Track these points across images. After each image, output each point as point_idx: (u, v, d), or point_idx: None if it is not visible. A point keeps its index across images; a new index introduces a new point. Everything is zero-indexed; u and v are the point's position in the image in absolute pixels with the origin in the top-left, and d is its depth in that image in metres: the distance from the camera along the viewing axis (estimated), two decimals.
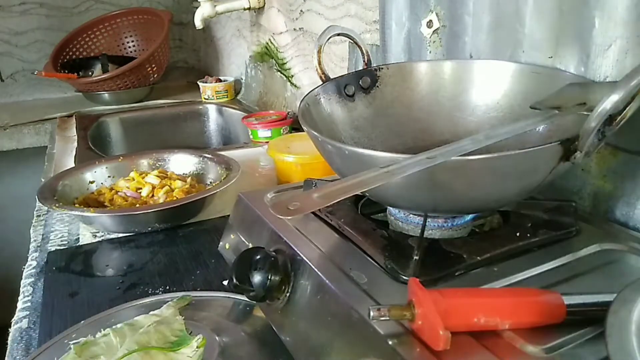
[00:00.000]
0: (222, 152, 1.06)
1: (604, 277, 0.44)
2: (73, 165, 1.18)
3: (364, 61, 0.67)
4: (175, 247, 0.78)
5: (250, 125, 1.33)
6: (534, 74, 0.61)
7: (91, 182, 0.94)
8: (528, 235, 0.49)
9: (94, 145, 1.39)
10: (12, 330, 0.59)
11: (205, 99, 1.83)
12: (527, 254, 0.47)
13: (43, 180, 1.10)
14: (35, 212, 0.92)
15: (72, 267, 0.74)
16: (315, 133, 0.50)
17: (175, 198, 0.85)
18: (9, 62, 2.07)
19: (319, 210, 0.56)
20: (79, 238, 0.81)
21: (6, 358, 0.55)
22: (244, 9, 1.61)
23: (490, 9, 0.69)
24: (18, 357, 0.54)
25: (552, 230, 0.49)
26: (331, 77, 0.63)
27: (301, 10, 1.35)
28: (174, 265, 0.71)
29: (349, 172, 0.44)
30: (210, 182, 0.95)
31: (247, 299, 0.50)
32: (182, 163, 1.00)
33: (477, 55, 0.73)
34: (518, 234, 0.49)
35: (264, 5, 1.58)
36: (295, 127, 1.32)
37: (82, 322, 0.57)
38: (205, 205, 0.86)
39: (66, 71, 1.88)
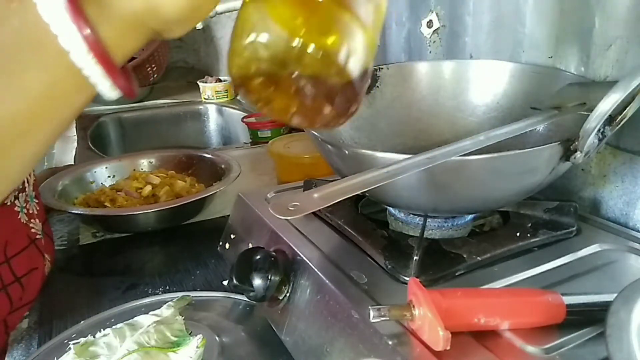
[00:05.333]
0: (222, 152, 1.06)
1: (604, 277, 0.44)
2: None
3: None
4: (175, 247, 0.77)
5: (250, 125, 1.33)
6: (534, 74, 0.61)
7: (91, 182, 0.94)
8: (528, 235, 0.49)
9: (94, 145, 1.39)
10: (12, 330, 0.59)
11: (205, 99, 1.83)
12: (527, 254, 0.47)
13: None
14: None
15: (72, 267, 0.74)
16: (315, 133, 0.50)
17: (175, 198, 0.85)
18: None
19: (319, 210, 0.56)
20: (79, 238, 0.81)
21: (6, 358, 0.55)
22: None
23: (490, 9, 0.69)
24: (18, 357, 0.54)
25: (552, 231, 0.49)
26: None
27: None
28: (174, 265, 0.71)
29: (349, 172, 0.44)
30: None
31: (247, 299, 0.50)
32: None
33: (477, 55, 0.73)
34: (518, 234, 0.49)
35: None
36: (295, 127, 1.32)
37: (82, 322, 0.57)
38: (205, 205, 0.86)
39: None
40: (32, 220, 0.63)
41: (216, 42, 2.10)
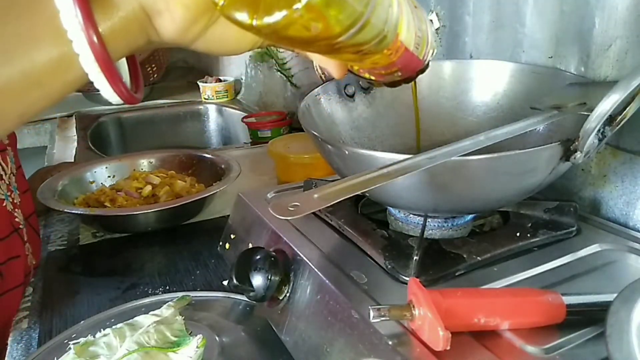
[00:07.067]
0: (222, 152, 1.06)
1: (604, 277, 0.44)
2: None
3: None
4: (175, 247, 0.77)
5: (250, 125, 1.33)
6: (534, 74, 0.61)
7: (91, 182, 0.94)
8: (528, 235, 0.49)
9: (94, 145, 1.39)
10: (12, 330, 0.59)
11: (205, 99, 1.83)
12: (527, 254, 0.47)
13: None
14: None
15: (72, 267, 0.74)
16: (315, 133, 0.50)
17: (175, 198, 0.85)
18: None
19: (319, 210, 0.56)
20: (79, 238, 0.81)
21: (6, 358, 0.55)
22: None
23: (490, 9, 0.69)
24: (18, 357, 0.54)
25: (552, 231, 0.49)
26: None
27: None
28: (174, 265, 0.71)
29: (349, 172, 0.44)
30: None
31: (247, 299, 0.50)
32: None
33: (477, 55, 0.73)
34: (518, 234, 0.49)
35: None
36: (295, 127, 1.32)
37: (82, 322, 0.57)
38: (205, 205, 0.86)
39: None
40: (16, 210, 0.63)
41: None
